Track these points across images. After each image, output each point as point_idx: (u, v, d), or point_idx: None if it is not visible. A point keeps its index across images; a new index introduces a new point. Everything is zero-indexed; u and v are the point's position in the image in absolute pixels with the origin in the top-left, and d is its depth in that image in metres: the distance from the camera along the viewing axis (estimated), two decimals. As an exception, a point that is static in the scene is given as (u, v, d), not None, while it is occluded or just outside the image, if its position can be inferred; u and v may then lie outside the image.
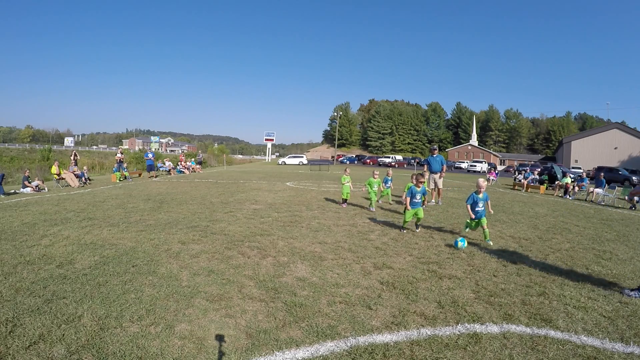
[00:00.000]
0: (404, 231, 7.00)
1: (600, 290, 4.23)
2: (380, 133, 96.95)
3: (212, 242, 5.73)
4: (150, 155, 19.81)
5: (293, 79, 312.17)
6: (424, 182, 7.20)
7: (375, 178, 9.65)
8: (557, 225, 8.36)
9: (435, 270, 4.75)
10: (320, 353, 2.76)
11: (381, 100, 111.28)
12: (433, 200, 11.13)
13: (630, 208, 12.58)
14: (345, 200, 10.23)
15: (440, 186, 11.10)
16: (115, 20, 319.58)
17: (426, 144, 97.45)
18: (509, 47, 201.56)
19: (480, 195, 6.49)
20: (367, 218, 8.33)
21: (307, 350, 2.78)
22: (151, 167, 19.32)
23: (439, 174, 11.04)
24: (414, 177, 7.08)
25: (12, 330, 2.91)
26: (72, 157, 16.53)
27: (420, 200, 6.96)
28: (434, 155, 11.20)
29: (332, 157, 69.85)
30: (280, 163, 51.45)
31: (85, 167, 17.49)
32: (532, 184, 18.85)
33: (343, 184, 10.16)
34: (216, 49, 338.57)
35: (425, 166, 11.51)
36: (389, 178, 11.09)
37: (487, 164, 49.92)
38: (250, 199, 10.99)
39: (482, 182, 6.47)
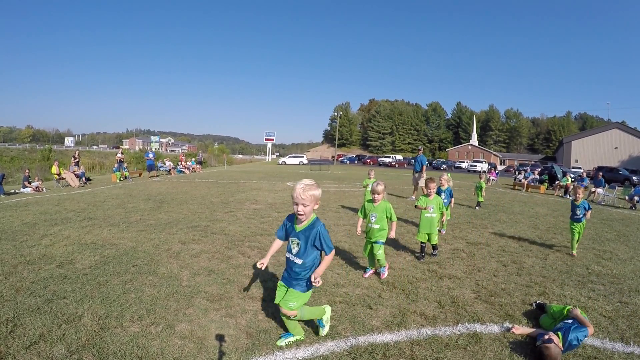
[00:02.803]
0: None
1: (600, 290, 4.23)
2: (380, 133, 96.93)
3: (213, 242, 5.73)
4: (150, 155, 19.86)
5: (293, 78, 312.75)
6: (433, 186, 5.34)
7: (431, 195, 5.29)
8: (557, 225, 8.36)
9: (435, 270, 4.75)
10: (320, 353, 2.76)
11: (381, 100, 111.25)
12: (413, 197, 12.16)
13: (631, 208, 12.58)
14: None
15: (421, 184, 11.95)
16: (115, 20, 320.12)
17: (427, 144, 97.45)
18: (509, 47, 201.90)
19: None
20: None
21: (308, 350, 2.78)
22: (151, 167, 19.38)
23: (418, 174, 12.21)
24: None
25: (12, 330, 2.91)
26: (74, 157, 16.60)
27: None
28: (417, 156, 12.42)
29: (333, 157, 69.83)
30: (280, 163, 51.43)
31: (82, 166, 17.46)
32: (532, 183, 18.86)
33: (367, 190, 8.26)
34: (216, 48, 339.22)
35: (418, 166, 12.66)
36: (444, 189, 6.97)
37: (487, 164, 49.91)
38: (250, 198, 10.99)
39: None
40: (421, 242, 5.26)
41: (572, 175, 18.70)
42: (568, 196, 15.46)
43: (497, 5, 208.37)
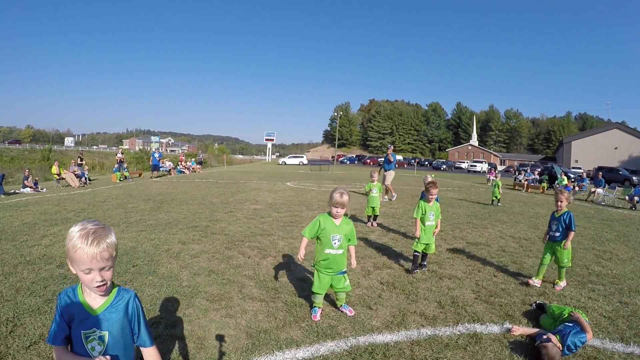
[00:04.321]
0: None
1: (600, 290, 4.23)
2: (380, 133, 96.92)
3: (213, 242, 5.73)
4: (156, 155, 19.96)
5: (293, 79, 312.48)
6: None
7: (431, 201, 4.71)
8: (557, 225, 8.36)
9: (435, 270, 4.75)
10: (320, 353, 2.76)
11: (381, 100, 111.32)
12: (386, 197, 11.95)
13: (631, 208, 12.57)
14: (375, 218, 7.55)
15: (387, 182, 11.90)
16: (115, 21, 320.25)
17: (426, 144, 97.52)
18: (510, 48, 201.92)
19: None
20: (366, 219, 8.31)
21: (308, 350, 2.78)
22: (155, 167, 19.50)
23: (387, 172, 12.08)
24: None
25: (12, 330, 2.91)
26: (78, 157, 16.65)
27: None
28: (387, 154, 12.41)
29: (333, 157, 69.82)
30: (280, 163, 51.43)
31: (86, 167, 17.50)
32: (532, 184, 18.86)
33: (370, 195, 7.44)
34: (216, 49, 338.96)
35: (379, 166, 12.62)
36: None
37: (487, 164, 49.92)
38: (250, 199, 10.99)
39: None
40: (415, 252, 4.59)
41: (571, 176, 18.68)
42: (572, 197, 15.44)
43: (496, 5, 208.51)
